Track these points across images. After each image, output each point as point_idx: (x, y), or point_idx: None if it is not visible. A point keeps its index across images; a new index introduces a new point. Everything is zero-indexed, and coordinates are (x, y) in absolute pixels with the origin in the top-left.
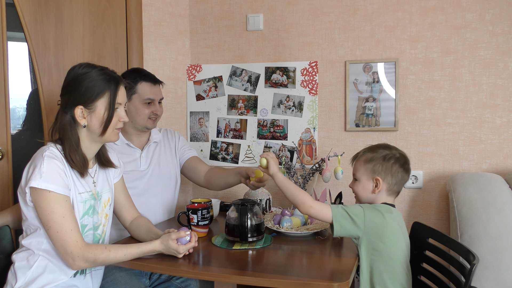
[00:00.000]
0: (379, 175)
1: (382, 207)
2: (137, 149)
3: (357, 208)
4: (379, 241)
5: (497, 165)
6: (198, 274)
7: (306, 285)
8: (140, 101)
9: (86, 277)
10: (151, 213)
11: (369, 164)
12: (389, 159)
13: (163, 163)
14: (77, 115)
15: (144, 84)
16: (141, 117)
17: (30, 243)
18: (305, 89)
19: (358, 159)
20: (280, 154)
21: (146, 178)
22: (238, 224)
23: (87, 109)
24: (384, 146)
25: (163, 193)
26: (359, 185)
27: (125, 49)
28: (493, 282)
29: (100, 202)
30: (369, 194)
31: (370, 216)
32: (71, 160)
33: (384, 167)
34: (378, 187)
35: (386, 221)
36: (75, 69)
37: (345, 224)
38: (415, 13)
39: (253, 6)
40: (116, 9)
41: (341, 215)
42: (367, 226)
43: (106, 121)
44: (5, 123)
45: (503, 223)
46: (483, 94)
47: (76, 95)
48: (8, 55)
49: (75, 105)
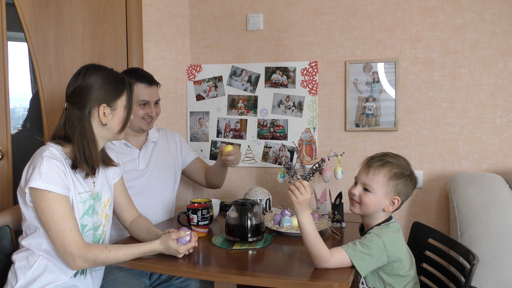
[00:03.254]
0: (400, 196)
1: (395, 227)
2: (135, 149)
3: (376, 241)
4: (401, 267)
5: (497, 165)
6: (198, 274)
7: (306, 285)
8: (135, 102)
9: (87, 277)
10: (150, 212)
11: (393, 182)
12: (411, 179)
13: (161, 162)
14: (101, 113)
15: (139, 85)
16: (135, 117)
17: (30, 244)
18: (305, 89)
19: (377, 169)
20: (280, 154)
21: (145, 178)
22: (238, 224)
23: (110, 107)
24: (404, 159)
25: (162, 192)
26: (372, 198)
27: (125, 49)
28: (493, 282)
29: (100, 202)
30: (379, 209)
31: (390, 245)
32: (90, 157)
33: (406, 188)
34: (393, 206)
35: (403, 242)
36: (89, 69)
37: (368, 265)
38: (415, 13)
39: (253, 6)
40: (116, 9)
41: (361, 258)
42: (390, 256)
43: (125, 120)
44: (5, 123)
45: (503, 223)
46: (483, 94)
47: (98, 94)
48: (8, 55)
49: (99, 103)
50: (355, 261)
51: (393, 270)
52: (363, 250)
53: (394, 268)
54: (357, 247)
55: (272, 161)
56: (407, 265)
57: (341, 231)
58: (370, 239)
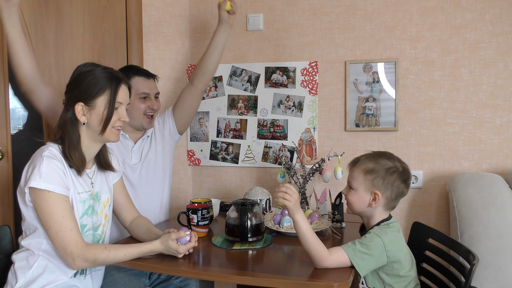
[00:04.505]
0: (378, 189)
1: (396, 227)
2: (130, 142)
3: (376, 241)
4: (401, 267)
5: (497, 165)
6: (198, 274)
7: (306, 285)
8: (135, 96)
9: (87, 277)
10: (144, 207)
11: (369, 176)
12: (392, 173)
13: (156, 156)
14: (77, 111)
15: (138, 78)
16: (137, 112)
17: (30, 244)
18: (305, 89)
19: (357, 167)
20: (280, 154)
21: (137, 172)
22: (238, 224)
23: (87, 106)
24: (387, 157)
25: (155, 187)
26: (355, 196)
27: (125, 49)
28: (493, 282)
29: (99, 202)
30: (364, 207)
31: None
32: (70, 157)
33: (385, 181)
34: (376, 201)
35: (403, 242)
36: (79, 67)
37: (368, 265)
38: (415, 13)
39: (253, 6)
40: (116, 9)
41: (360, 258)
42: (389, 256)
43: (105, 119)
44: (5, 123)
45: (503, 223)
46: (483, 94)
47: (77, 92)
48: (8, 55)
49: (76, 101)
50: (354, 261)
51: (393, 271)
52: (362, 250)
53: (394, 268)
54: (357, 246)
55: (272, 161)
56: (407, 266)
57: (341, 231)
58: (370, 239)
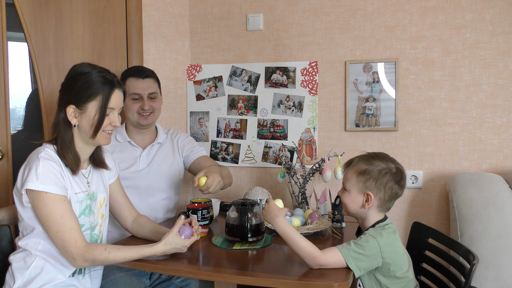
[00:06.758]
0: (371, 190)
1: (391, 228)
2: (138, 148)
3: (371, 243)
4: (398, 269)
5: (497, 165)
6: (198, 274)
7: (306, 285)
8: (128, 96)
9: (85, 277)
10: (150, 212)
11: (362, 177)
12: (385, 174)
13: (164, 163)
14: (69, 113)
15: (130, 79)
16: (130, 113)
17: (27, 244)
18: (305, 89)
19: (350, 168)
20: (280, 154)
21: (145, 177)
22: (238, 224)
23: (79, 109)
24: (380, 158)
25: (163, 193)
26: (349, 197)
27: (125, 49)
28: (493, 282)
29: (96, 202)
30: (358, 208)
31: (386, 247)
32: (63, 157)
33: (378, 183)
34: (368, 203)
35: (399, 244)
36: (75, 67)
37: (362, 265)
38: (415, 13)
39: (253, 6)
40: (116, 9)
41: (355, 258)
42: (385, 257)
43: (96, 124)
44: (5, 123)
45: (503, 223)
46: (483, 94)
47: (69, 94)
48: (8, 55)
49: (68, 103)
50: (349, 261)
51: (389, 272)
52: (357, 250)
53: (390, 270)
54: (351, 246)
55: (272, 161)
56: (404, 267)
57: (341, 231)
58: (365, 240)
